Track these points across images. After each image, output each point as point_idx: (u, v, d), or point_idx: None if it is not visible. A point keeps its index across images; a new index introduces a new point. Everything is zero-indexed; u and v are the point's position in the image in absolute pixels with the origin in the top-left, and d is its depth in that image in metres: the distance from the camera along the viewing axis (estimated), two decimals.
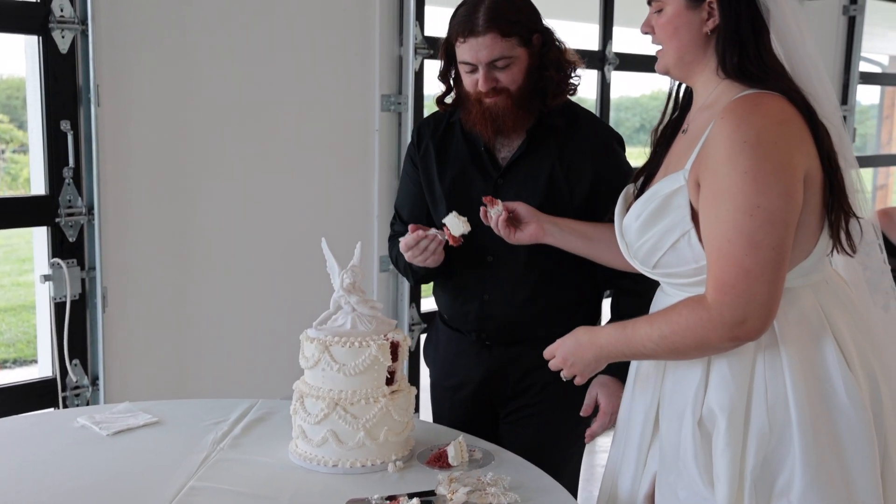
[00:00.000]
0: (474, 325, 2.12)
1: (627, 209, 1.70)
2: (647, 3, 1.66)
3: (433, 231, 1.95)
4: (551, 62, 1.99)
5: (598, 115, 4.11)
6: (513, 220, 1.93)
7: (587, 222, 1.96)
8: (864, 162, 6.31)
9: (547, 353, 1.73)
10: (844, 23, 5.24)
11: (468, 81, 1.99)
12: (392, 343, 1.73)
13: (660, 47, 1.66)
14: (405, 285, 3.39)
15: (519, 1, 1.97)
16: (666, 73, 1.68)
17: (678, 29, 1.60)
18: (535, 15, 1.99)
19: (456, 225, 1.92)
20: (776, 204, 1.44)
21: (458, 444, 1.75)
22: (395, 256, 2.16)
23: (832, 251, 1.60)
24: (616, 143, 2.10)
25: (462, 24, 1.94)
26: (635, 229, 1.63)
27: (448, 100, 2.12)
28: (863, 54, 5.45)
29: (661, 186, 1.60)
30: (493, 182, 2.06)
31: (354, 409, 1.70)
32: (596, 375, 1.76)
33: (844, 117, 5.27)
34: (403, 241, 1.98)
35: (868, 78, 5.69)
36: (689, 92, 1.71)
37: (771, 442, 1.52)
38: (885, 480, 1.57)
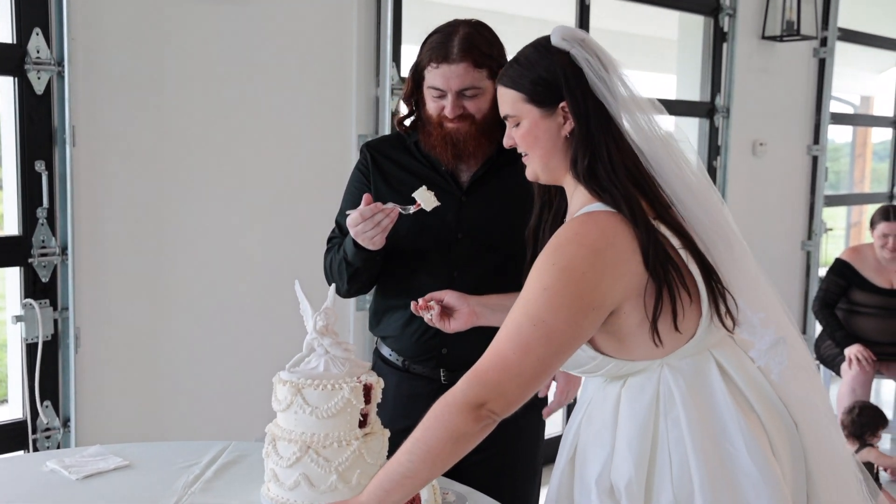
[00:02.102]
0: (432, 349, 2.09)
1: None
2: (503, 118, 1.71)
3: (391, 205, 1.92)
4: None
5: None
6: (446, 310, 1.93)
7: (515, 295, 1.96)
8: (838, 200, 6.41)
9: None
10: (815, 64, 5.34)
11: (433, 106, 2.02)
12: (365, 385, 1.72)
13: (525, 155, 1.69)
14: None
15: (490, 36, 2.02)
16: (536, 179, 1.71)
17: (538, 138, 1.64)
18: (504, 51, 2.04)
19: (427, 199, 1.91)
20: (560, 325, 1.51)
21: (431, 488, 1.74)
22: (328, 263, 2.13)
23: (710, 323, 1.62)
24: None
25: (436, 50, 1.97)
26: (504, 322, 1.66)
27: (407, 122, 2.14)
28: (835, 95, 5.54)
29: None
30: (457, 200, 2.07)
31: (327, 452, 1.68)
32: None
33: (815, 157, 5.37)
34: (357, 212, 1.92)
35: (839, 118, 5.79)
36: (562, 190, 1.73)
37: None
38: None
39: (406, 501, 1.72)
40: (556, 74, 1.60)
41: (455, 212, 2.06)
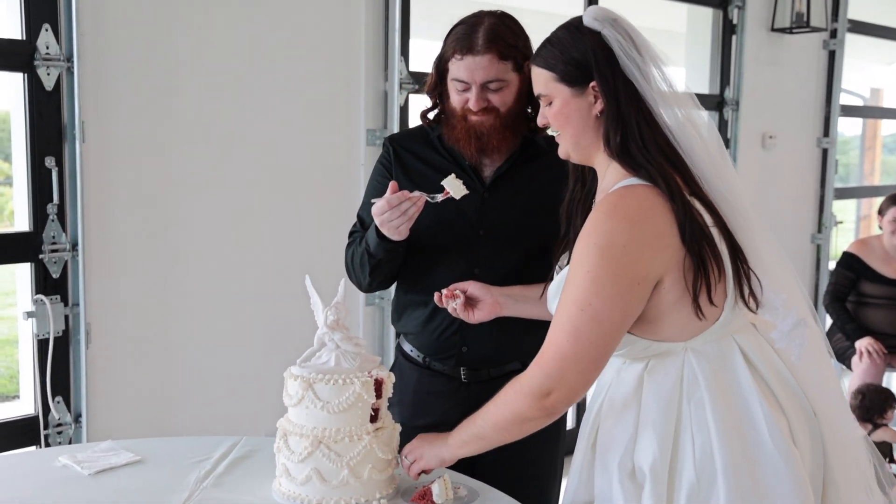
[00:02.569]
0: (452, 346, 2.08)
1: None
2: (537, 97, 1.73)
3: (418, 193, 1.90)
4: None
5: None
6: (469, 301, 1.95)
7: (539, 286, 1.94)
8: (848, 193, 6.38)
9: (404, 454, 1.80)
10: (825, 57, 5.31)
11: (457, 99, 1.99)
12: (376, 380, 1.72)
13: (557, 133, 1.72)
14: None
15: (516, 27, 1.99)
16: (567, 158, 1.74)
17: (569, 117, 1.67)
18: (529, 42, 2.00)
19: (456, 187, 1.88)
20: (606, 305, 1.54)
21: (443, 482, 1.74)
22: (349, 257, 2.10)
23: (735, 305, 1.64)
24: None
25: (460, 42, 1.94)
26: (555, 307, 1.69)
27: (431, 115, 2.12)
28: (844, 87, 5.52)
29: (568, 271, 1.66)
30: (479, 196, 2.05)
31: (338, 446, 1.69)
32: None
33: (826, 150, 5.34)
34: (384, 199, 1.89)
35: (849, 111, 5.76)
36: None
37: (700, 494, 1.57)
38: None
39: (419, 493, 1.74)
40: (586, 55, 1.62)
41: (477, 207, 2.04)
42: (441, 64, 2.01)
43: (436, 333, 2.09)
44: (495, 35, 1.92)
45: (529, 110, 2.04)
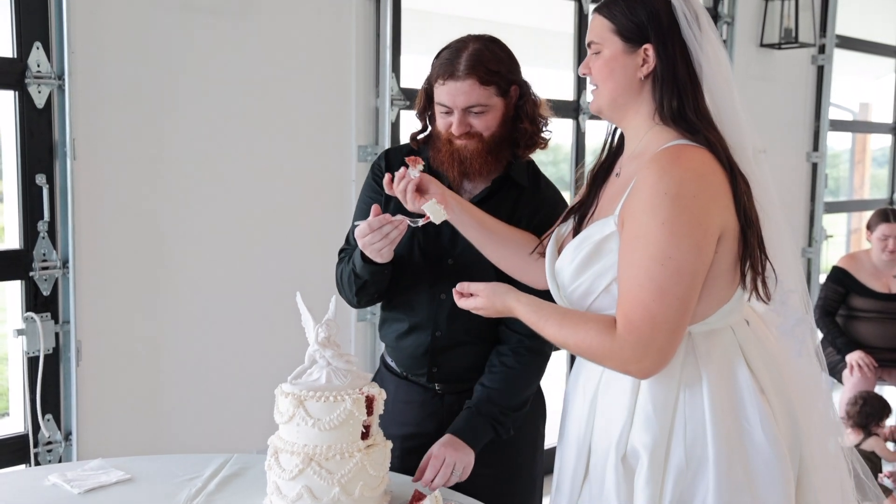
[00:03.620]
0: (423, 365, 2.10)
1: (559, 251, 1.74)
2: (587, 46, 1.73)
3: (400, 217, 1.90)
4: (526, 114, 2.02)
5: (573, 162, 4.17)
6: (419, 190, 1.92)
7: (495, 219, 1.96)
8: (838, 207, 6.41)
9: (463, 287, 1.78)
10: (814, 72, 5.35)
11: (442, 123, 2.01)
12: (367, 397, 1.72)
13: (595, 88, 1.72)
14: None
15: (500, 52, 2.00)
16: (599, 113, 1.74)
17: (614, 71, 1.68)
18: (515, 67, 2.02)
19: (436, 212, 1.88)
20: (687, 257, 1.52)
21: (434, 498, 1.74)
22: (339, 274, 2.11)
23: (749, 297, 1.67)
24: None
25: (443, 67, 1.96)
26: (569, 273, 1.68)
27: (420, 137, 2.14)
28: (833, 102, 5.55)
29: (593, 231, 1.66)
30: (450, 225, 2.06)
31: (329, 464, 1.68)
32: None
33: (815, 164, 5.37)
34: (365, 223, 1.90)
35: (838, 125, 5.79)
36: (622, 136, 1.77)
37: (687, 477, 1.59)
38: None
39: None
40: (652, 16, 1.64)
41: (450, 235, 2.04)
42: (429, 87, 2.03)
43: (408, 351, 2.13)
44: (478, 60, 1.94)
45: (517, 132, 2.04)
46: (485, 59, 1.95)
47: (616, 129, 1.79)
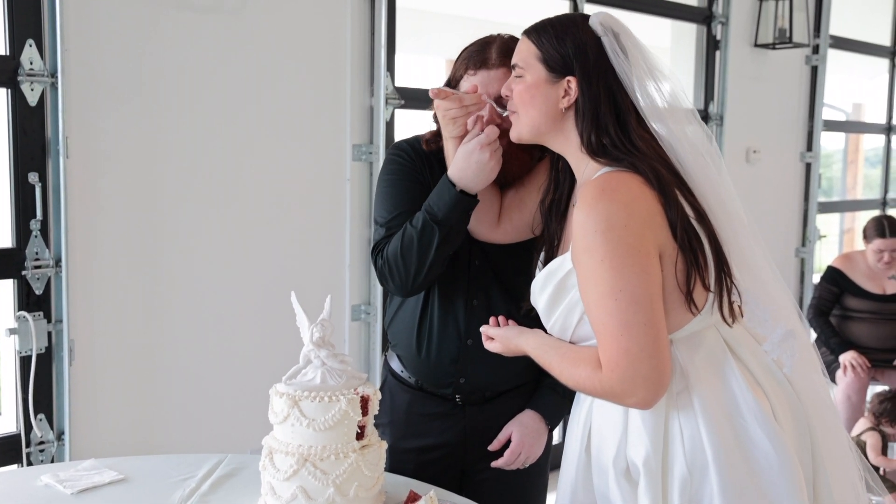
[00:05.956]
0: (449, 378, 2.02)
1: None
2: (511, 67, 1.72)
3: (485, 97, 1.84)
4: None
5: None
6: None
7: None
8: (831, 207, 6.42)
9: (488, 330, 1.80)
10: (808, 72, 5.36)
11: None
12: (362, 397, 1.71)
13: (514, 112, 1.71)
14: (377, 335, 3.37)
15: None
16: (519, 140, 1.73)
17: (534, 98, 1.67)
18: None
19: None
20: (637, 285, 1.51)
21: (429, 499, 1.73)
22: (394, 252, 1.91)
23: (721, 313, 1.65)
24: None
25: (473, 58, 1.92)
26: (542, 308, 1.70)
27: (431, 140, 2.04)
28: (827, 102, 5.57)
29: (554, 266, 1.66)
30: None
31: (324, 464, 1.67)
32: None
33: (809, 164, 5.38)
34: (455, 95, 1.82)
35: (832, 125, 5.80)
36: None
37: (693, 485, 1.58)
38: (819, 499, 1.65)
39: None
40: (579, 49, 1.62)
41: (480, 249, 1.99)
42: (451, 86, 1.95)
43: (432, 363, 2.03)
44: (509, 50, 1.86)
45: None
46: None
47: (559, 158, 1.76)
